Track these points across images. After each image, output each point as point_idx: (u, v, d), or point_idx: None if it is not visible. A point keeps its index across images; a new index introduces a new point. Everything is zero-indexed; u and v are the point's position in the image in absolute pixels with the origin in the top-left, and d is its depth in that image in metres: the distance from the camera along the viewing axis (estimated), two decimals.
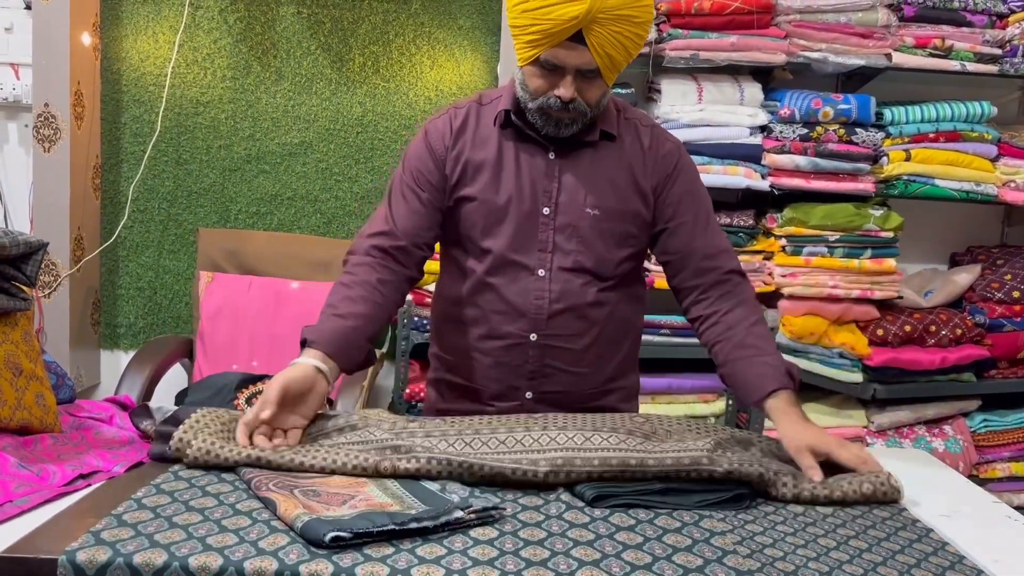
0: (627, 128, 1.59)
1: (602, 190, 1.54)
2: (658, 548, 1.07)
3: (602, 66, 1.43)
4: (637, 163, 1.56)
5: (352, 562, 0.97)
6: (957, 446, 2.75)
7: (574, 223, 1.53)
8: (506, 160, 1.54)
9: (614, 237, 1.54)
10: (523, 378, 1.56)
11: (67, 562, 0.94)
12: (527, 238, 1.53)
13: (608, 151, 1.56)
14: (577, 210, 1.53)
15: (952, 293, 2.87)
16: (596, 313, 1.56)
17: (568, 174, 1.54)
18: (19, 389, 1.41)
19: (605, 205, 1.53)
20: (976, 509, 1.34)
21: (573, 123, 1.49)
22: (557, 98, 1.45)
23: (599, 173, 1.55)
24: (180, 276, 2.97)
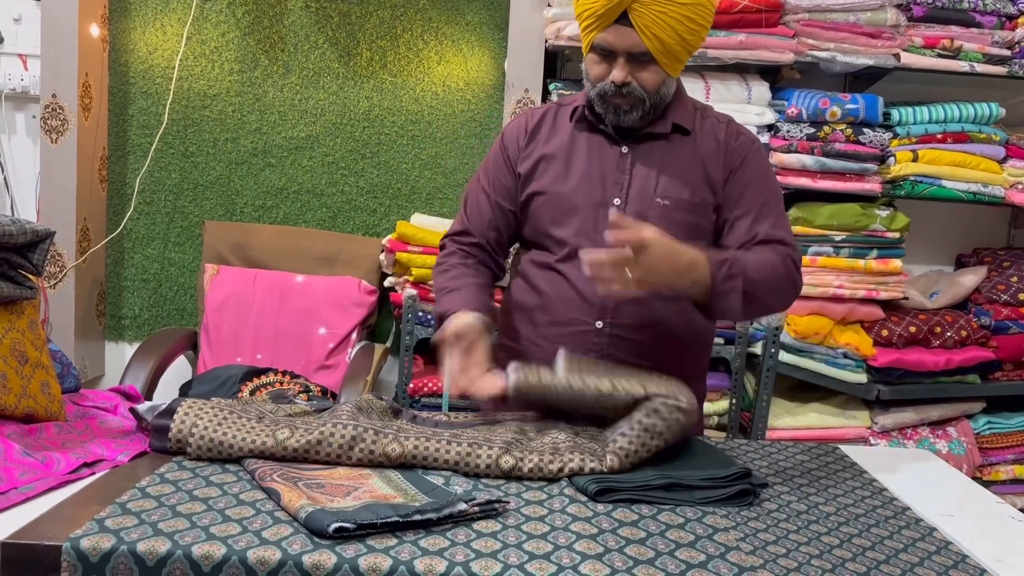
0: (705, 124, 1.60)
1: (673, 181, 1.55)
2: (661, 543, 1.07)
3: (652, 49, 1.45)
4: (711, 157, 1.57)
5: (355, 553, 0.97)
6: (961, 448, 2.74)
7: (643, 212, 1.52)
8: (577, 153, 1.58)
9: (684, 228, 1.51)
10: None
11: (71, 549, 0.95)
12: (597, 228, 1.52)
13: (681, 144, 1.58)
14: (647, 200, 1.54)
15: (958, 295, 2.86)
16: (663, 306, 1.53)
17: (639, 166, 1.56)
18: (25, 377, 1.41)
19: (676, 196, 1.55)
20: (979, 509, 1.34)
21: (632, 109, 1.52)
22: (612, 82, 1.49)
23: (671, 165, 1.56)
24: (185, 268, 2.98)
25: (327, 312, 2.71)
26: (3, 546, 0.96)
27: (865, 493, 1.34)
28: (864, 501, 1.30)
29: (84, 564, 0.94)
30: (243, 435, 1.24)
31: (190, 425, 1.24)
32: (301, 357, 2.68)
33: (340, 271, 2.82)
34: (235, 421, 1.26)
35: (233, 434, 1.24)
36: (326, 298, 2.73)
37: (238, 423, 1.25)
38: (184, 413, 1.26)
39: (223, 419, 1.26)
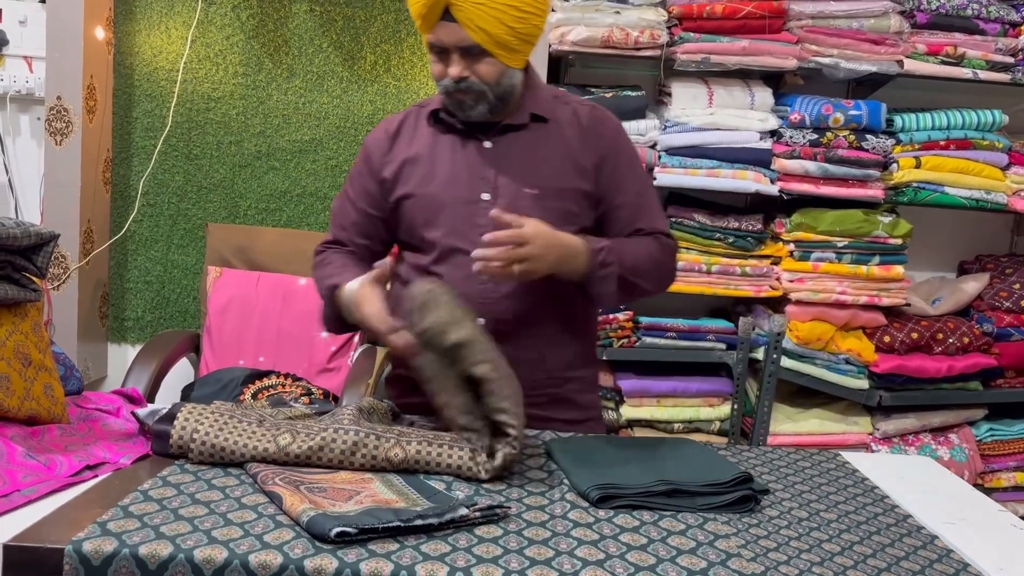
0: (563, 110, 1.61)
1: (540, 169, 1.56)
2: (662, 550, 1.07)
3: (481, 41, 1.46)
4: (576, 143, 1.58)
5: (357, 558, 0.97)
6: (963, 455, 2.74)
7: (515, 204, 1.53)
8: (440, 153, 1.59)
9: (555, 215, 1.53)
10: None
11: (73, 552, 0.95)
12: (468, 225, 1.54)
13: (543, 132, 1.59)
14: (516, 191, 1.55)
15: (960, 301, 2.86)
16: (543, 295, 1.55)
17: (504, 159, 1.57)
18: (28, 380, 1.41)
19: (544, 184, 1.55)
20: (981, 517, 1.34)
21: (477, 103, 1.52)
22: (450, 79, 1.50)
23: (536, 154, 1.57)
24: (188, 271, 2.98)
25: None
26: (5, 548, 0.97)
27: (866, 500, 1.34)
28: (865, 508, 1.30)
29: (86, 567, 0.94)
30: (244, 440, 1.24)
31: (191, 431, 1.24)
32: (303, 360, 2.68)
33: None
34: (236, 426, 1.26)
35: (235, 439, 1.24)
36: None
37: (239, 428, 1.26)
38: (185, 419, 1.26)
39: (224, 424, 1.26)
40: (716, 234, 2.69)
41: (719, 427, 2.76)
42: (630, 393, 2.72)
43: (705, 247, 2.71)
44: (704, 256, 2.70)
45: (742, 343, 2.72)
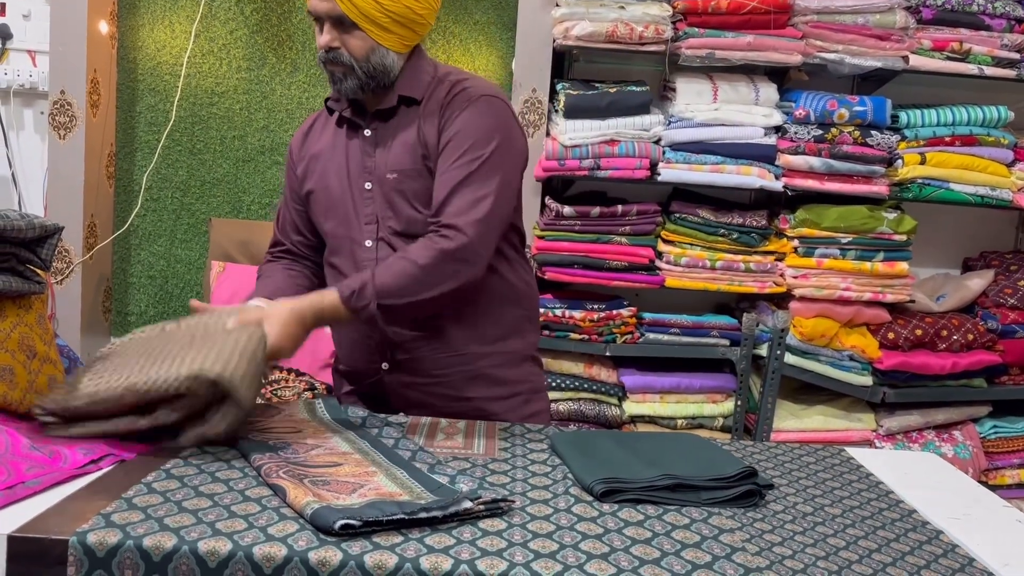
0: (440, 91, 1.56)
1: (397, 152, 1.56)
2: (667, 543, 1.07)
3: (348, 12, 1.48)
4: (428, 119, 1.54)
5: (361, 550, 0.97)
6: (966, 452, 2.74)
7: (384, 191, 1.56)
8: (336, 146, 1.62)
9: (417, 195, 1.54)
10: (376, 351, 1.60)
11: (78, 543, 0.95)
12: (356, 214, 1.58)
13: (412, 115, 1.57)
14: (380, 177, 1.57)
15: (964, 298, 2.85)
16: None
17: (379, 145, 1.58)
18: (32, 372, 1.41)
19: (399, 167, 1.55)
20: (986, 513, 1.34)
21: (346, 77, 1.53)
22: (321, 48, 1.54)
23: (396, 137, 1.57)
24: (191, 265, 2.98)
25: None
26: (9, 540, 0.96)
27: (871, 495, 1.33)
28: (870, 503, 1.29)
29: (90, 559, 0.94)
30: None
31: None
32: (306, 355, 2.68)
33: None
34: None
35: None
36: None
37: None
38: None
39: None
40: (720, 230, 2.69)
41: (722, 423, 2.76)
42: (633, 389, 2.72)
43: (709, 243, 2.70)
44: (708, 252, 2.70)
45: (746, 339, 2.71)
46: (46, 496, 1.08)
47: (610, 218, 2.66)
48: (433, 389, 1.59)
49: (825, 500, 1.29)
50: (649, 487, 1.21)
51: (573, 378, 2.71)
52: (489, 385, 1.61)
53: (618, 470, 1.24)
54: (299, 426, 1.39)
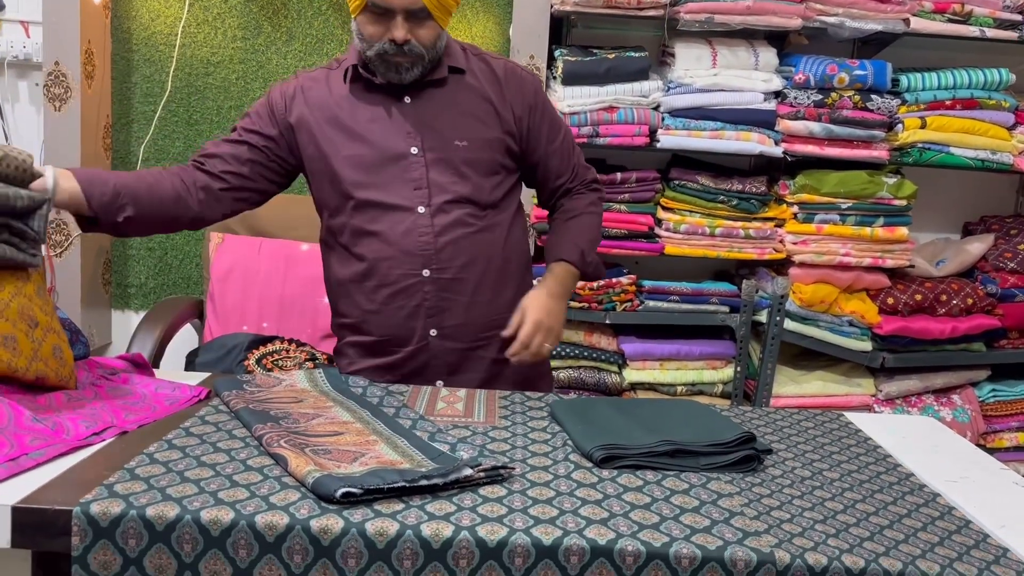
0: (477, 63, 1.66)
1: (465, 122, 1.60)
2: (665, 508, 1.08)
3: (429, 5, 1.49)
4: (495, 94, 1.63)
5: (362, 518, 0.98)
6: (965, 415, 2.75)
7: (445, 157, 1.58)
8: (361, 112, 1.60)
9: (485, 166, 1.61)
10: (423, 317, 1.60)
11: (81, 514, 0.96)
12: (400, 181, 1.58)
13: (462, 85, 1.62)
14: (445, 145, 1.59)
15: (964, 262, 2.85)
16: (483, 239, 1.61)
17: (428, 113, 1.60)
18: (35, 341, 1.41)
19: (472, 135, 1.60)
20: (983, 475, 1.35)
21: (413, 67, 1.55)
22: (391, 41, 1.51)
23: (459, 106, 1.61)
24: (190, 237, 2.98)
25: None
26: (14, 511, 0.97)
27: (869, 459, 1.34)
28: (868, 467, 1.30)
29: (94, 529, 0.95)
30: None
31: None
32: (307, 325, 2.68)
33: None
34: None
35: None
36: None
37: None
38: None
39: None
40: (719, 196, 2.68)
41: (722, 390, 2.77)
42: (633, 356, 2.73)
43: (708, 210, 2.69)
44: (707, 219, 2.69)
45: (745, 306, 2.72)
46: (49, 467, 1.09)
47: (609, 185, 2.65)
48: (474, 353, 1.63)
49: (823, 464, 1.30)
50: (648, 453, 1.22)
51: (573, 346, 2.72)
52: None
53: (617, 436, 1.25)
54: (300, 396, 1.40)
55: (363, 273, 1.62)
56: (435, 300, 1.59)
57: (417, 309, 1.59)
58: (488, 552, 0.96)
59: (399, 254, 1.58)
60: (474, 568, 0.96)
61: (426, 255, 1.57)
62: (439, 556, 0.96)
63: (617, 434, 1.26)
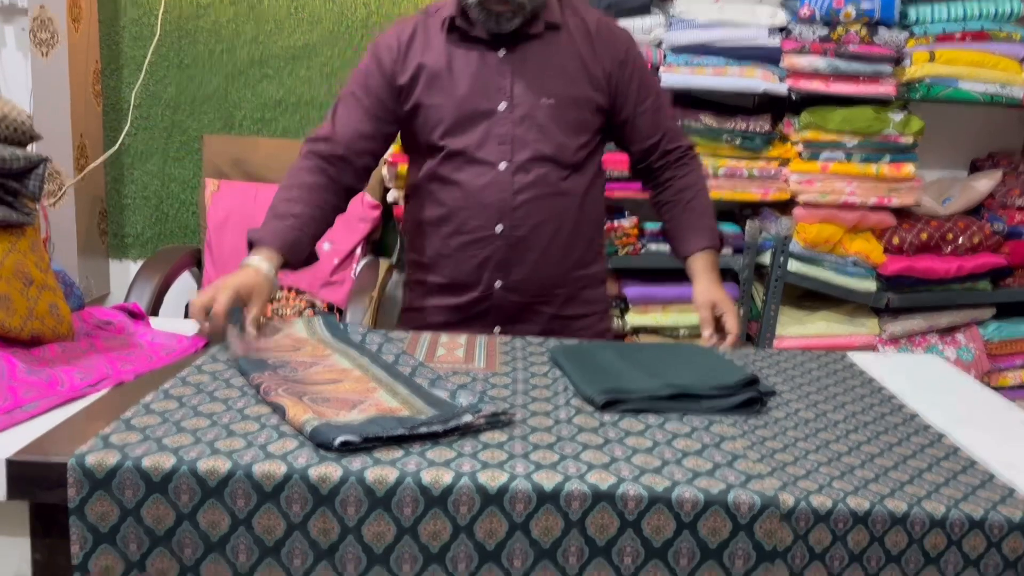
0: (571, 17, 1.63)
1: (555, 79, 1.59)
2: (668, 452, 1.06)
3: None
4: (586, 50, 1.61)
5: (362, 466, 0.96)
6: (969, 354, 2.74)
7: (531, 114, 1.58)
8: (456, 61, 1.60)
9: (570, 124, 1.60)
10: (490, 269, 1.63)
11: (76, 465, 0.94)
12: (486, 134, 1.58)
13: (555, 41, 1.60)
14: (533, 101, 1.58)
15: (971, 200, 2.81)
16: (559, 201, 1.62)
17: (520, 68, 1.59)
18: (30, 299, 1.39)
19: (560, 93, 1.59)
20: (989, 415, 1.33)
21: (514, 16, 1.54)
22: None
23: (550, 63, 1.60)
24: (186, 184, 2.94)
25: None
26: (8, 463, 0.96)
27: (874, 400, 1.33)
28: (873, 408, 1.29)
29: (90, 480, 0.94)
30: None
31: None
32: (306, 273, 2.66)
33: None
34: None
35: None
36: None
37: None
38: None
39: None
40: (723, 136, 2.63)
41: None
42: (635, 300, 2.71)
43: (711, 149, 2.64)
44: (710, 159, 2.64)
45: (749, 247, 2.69)
46: (44, 420, 1.08)
47: None
48: (535, 307, 1.66)
49: (828, 406, 1.28)
50: (650, 397, 1.20)
51: None
52: (579, 304, 1.70)
53: (619, 381, 1.23)
54: (298, 344, 1.38)
55: (441, 218, 1.64)
56: (504, 254, 1.61)
57: (486, 261, 1.62)
58: (489, 498, 0.95)
59: (476, 206, 1.60)
60: (475, 514, 0.95)
61: (501, 211, 1.59)
62: (439, 503, 0.95)
63: (619, 378, 1.25)
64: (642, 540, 0.96)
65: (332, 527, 0.95)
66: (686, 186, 1.71)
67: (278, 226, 1.52)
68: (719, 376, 1.26)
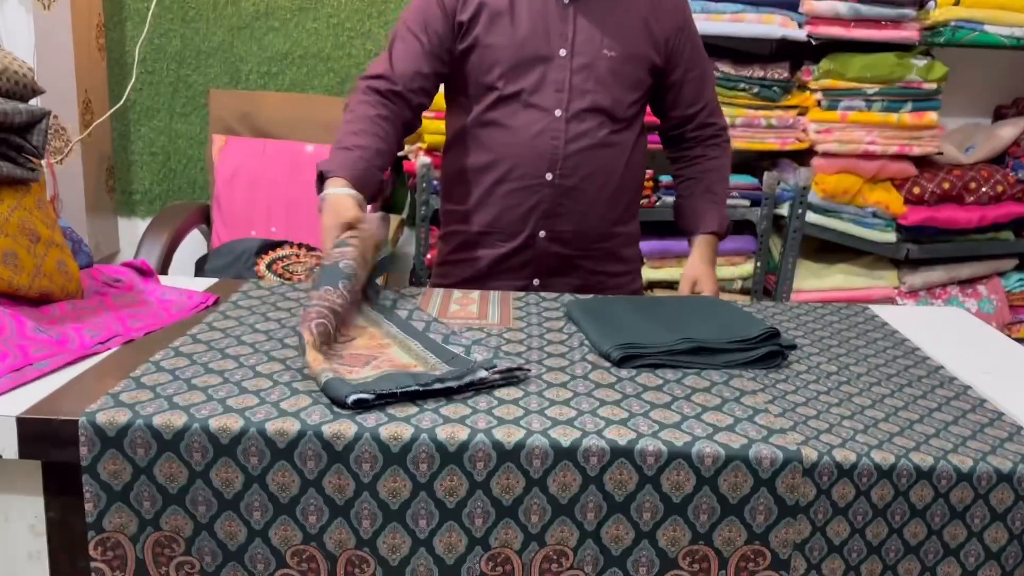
0: None
1: (617, 33, 1.57)
2: (687, 407, 1.04)
3: None
4: (648, 10, 1.60)
5: (376, 422, 0.95)
6: (990, 306, 2.70)
7: (591, 64, 1.56)
8: (519, 4, 1.56)
9: (627, 80, 1.59)
10: (537, 218, 1.61)
11: (88, 423, 0.93)
12: (544, 80, 1.56)
13: None
14: (594, 52, 1.56)
15: (995, 148, 2.75)
16: (609, 154, 1.60)
17: (583, 17, 1.56)
18: (38, 256, 1.37)
19: (620, 47, 1.57)
20: (1015, 366, 1.30)
21: None
22: None
23: (613, 16, 1.58)
24: (193, 140, 2.90)
25: None
26: (19, 421, 0.95)
27: (897, 353, 1.30)
28: (896, 361, 1.26)
29: (101, 438, 0.93)
30: None
31: None
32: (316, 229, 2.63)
33: None
34: None
35: None
36: None
37: None
38: None
39: None
40: (740, 84, 2.56)
41: (741, 286, 2.72)
42: (650, 255, 2.67)
43: (728, 99, 2.58)
44: (727, 108, 2.58)
45: (766, 199, 2.64)
46: (54, 378, 1.07)
47: None
48: (575, 261, 1.65)
49: (850, 359, 1.26)
50: (668, 352, 1.18)
51: None
52: (615, 262, 1.70)
53: (636, 335, 1.21)
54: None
55: (487, 165, 1.61)
56: (551, 204, 1.59)
57: (533, 209, 1.60)
58: (505, 454, 0.93)
59: (527, 153, 1.57)
60: (491, 470, 0.93)
61: (553, 159, 1.57)
62: (455, 459, 0.93)
63: (635, 333, 1.22)
64: (661, 496, 0.94)
65: (347, 484, 0.94)
66: (712, 168, 1.72)
67: (347, 157, 1.49)
68: (739, 330, 1.23)
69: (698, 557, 0.96)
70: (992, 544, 0.98)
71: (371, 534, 0.95)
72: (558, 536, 0.95)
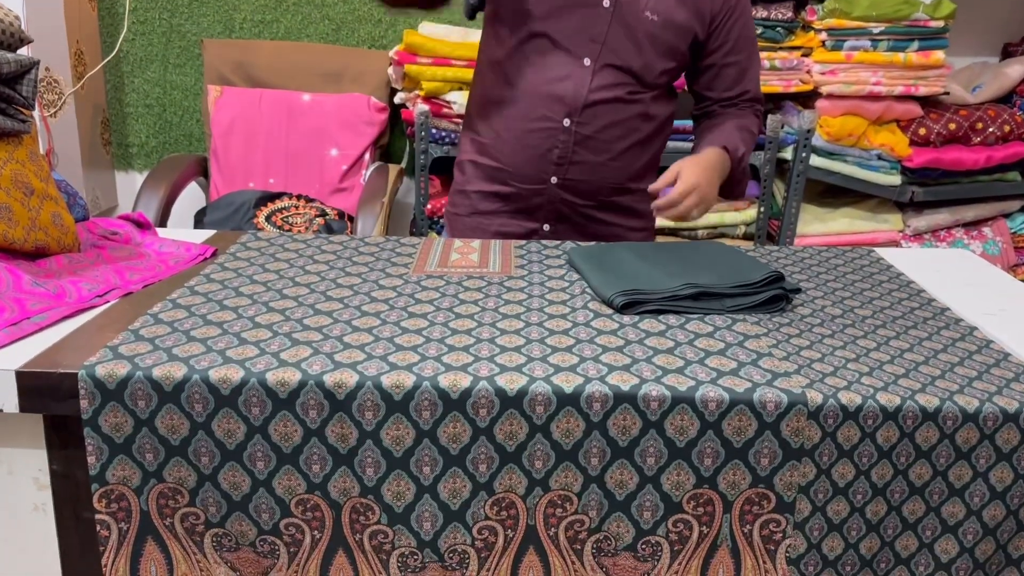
0: None
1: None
2: (690, 352, 1.03)
3: None
4: None
5: (377, 371, 0.94)
6: (995, 248, 2.68)
7: (632, 23, 1.53)
8: None
9: (664, 47, 1.55)
10: (551, 163, 1.59)
11: (87, 376, 0.93)
12: (583, 27, 1.53)
13: None
14: (637, 12, 1.53)
15: (1003, 87, 2.70)
16: (630, 110, 1.58)
17: None
18: (32, 209, 1.36)
19: (665, 13, 1.54)
20: (1022, 306, 1.29)
21: None
22: None
23: None
24: (188, 91, 2.86)
25: (337, 132, 2.62)
26: (19, 375, 0.95)
27: (902, 295, 1.29)
28: (901, 303, 1.25)
29: (101, 391, 0.92)
30: None
31: None
32: (315, 180, 2.61)
33: (347, 88, 2.69)
34: None
35: None
36: (335, 117, 2.62)
37: None
38: None
39: None
40: None
41: (744, 231, 2.70)
42: None
43: None
44: None
45: (770, 142, 2.60)
46: (53, 331, 1.06)
47: None
48: (584, 210, 1.64)
49: (854, 302, 1.25)
50: (671, 297, 1.16)
51: None
52: (628, 216, 1.67)
53: (638, 282, 1.20)
54: None
55: (510, 100, 1.60)
56: (567, 151, 1.58)
57: (548, 153, 1.59)
58: (508, 401, 0.93)
59: (549, 95, 1.56)
60: (494, 417, 0.93)
61: (573, 106, 1.55)
62: (458, 406, 0.93)
63: (638, 279, 1.21)
64: (665, 440, 0.94)
65: (350, 433, 0.93)
66: (735, 116, 1.63)
67: None
68: (742, 274, 1.22)
69: (702, 501, 0.96)
70: (997, 484, 0.98)
71: (375, 482, 0.95)
72: (562, 481, 0.95)
